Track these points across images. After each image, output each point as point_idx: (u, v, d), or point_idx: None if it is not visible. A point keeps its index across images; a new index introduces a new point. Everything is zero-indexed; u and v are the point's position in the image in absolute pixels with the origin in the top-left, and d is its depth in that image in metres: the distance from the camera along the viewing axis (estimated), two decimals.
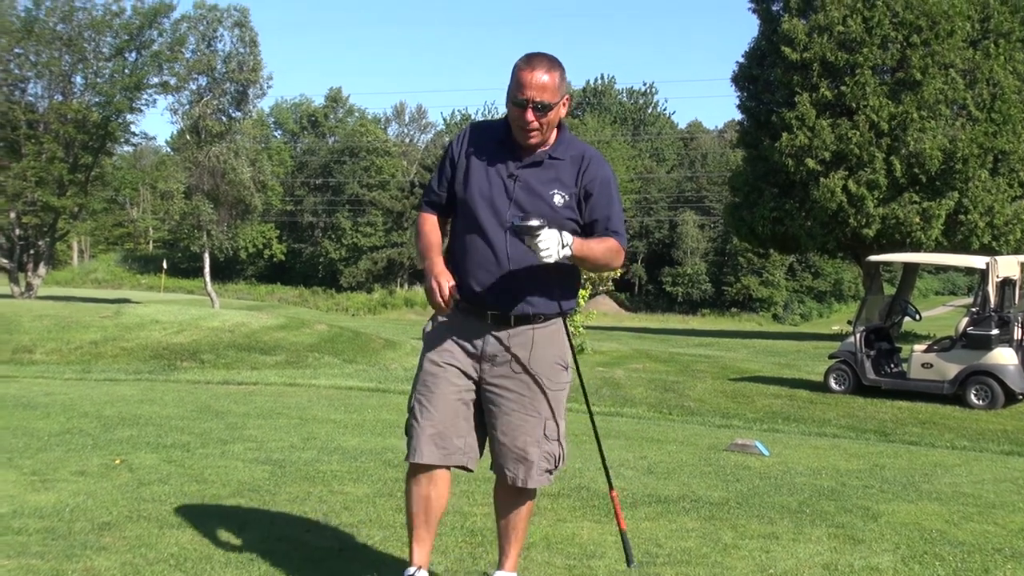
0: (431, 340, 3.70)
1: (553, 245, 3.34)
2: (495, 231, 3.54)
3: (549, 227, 3.34)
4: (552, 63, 3.51)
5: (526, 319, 3.61)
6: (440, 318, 3.67)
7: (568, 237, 3.41)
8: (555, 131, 3.63)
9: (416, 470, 3.64)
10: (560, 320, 3.71)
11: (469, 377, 3.64)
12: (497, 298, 3.56)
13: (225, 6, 42.99)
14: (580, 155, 3.63)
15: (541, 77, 3.46)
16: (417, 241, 3.78)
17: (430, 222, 3.75)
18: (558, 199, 3.56)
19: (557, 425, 3.72)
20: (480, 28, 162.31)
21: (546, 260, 3.35)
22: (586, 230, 3.61)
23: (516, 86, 3.49)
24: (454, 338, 3.65)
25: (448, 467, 3.65)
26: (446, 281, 3.48)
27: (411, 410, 3.66)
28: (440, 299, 3.47)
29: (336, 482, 6.14)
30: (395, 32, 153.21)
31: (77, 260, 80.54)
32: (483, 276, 3.55)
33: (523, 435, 3.64)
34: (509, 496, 3.78)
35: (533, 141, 3.55)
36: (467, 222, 3.61)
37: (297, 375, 16.66)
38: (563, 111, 3.59)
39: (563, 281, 3.66)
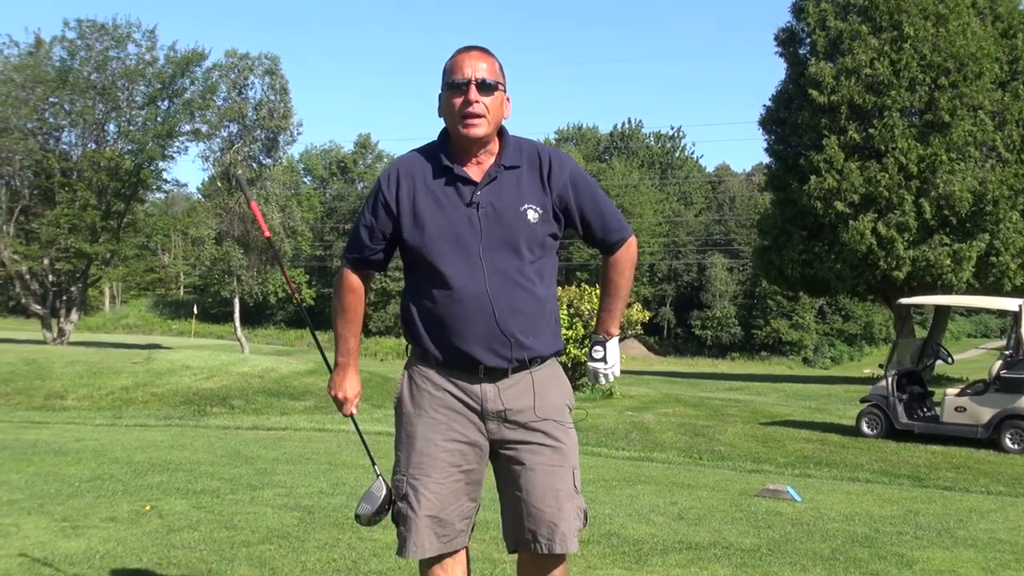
0: (416, 408, 3.15)
1: (615, 355, 3.33)
2: (469, 275, 3.03)
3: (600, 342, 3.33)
4: (488, 50, 3.16)
5: (523, 365, 3.12)
6: (419, 378, 3.17)
7: (605, 339, 3.35)
8: (497, 140, 3.16)
9: (422, 564, 3.17)
10: (555, 359, 3.27)
11: (474, 444, 3.12)
12: (491, 351, 3.06)
13: (256, 54, 43.58)
14: (535, 155, 3.16)
15: (479, 57, 3.11)
16: (335, 307, 3.40)
17: (354, 286, 3.30)
18: (532, 215, 3.08)
19: (579, 474, 3.23)
20: (509, 74, 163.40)
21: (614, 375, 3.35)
22: (586, 235, 3.23)
23: (451, 71, 3.10)
24: (445, 402, 3.12)
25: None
26: (351, 397, 3.36)
27: (404, 496, 3.12)
28: (344, 413, 3.37)
29: (365, 528, 6.12)
30: (422, 79, 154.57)
31: (109, 306, 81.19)
32: (467, 330, 3.05)
33: (554, 490, 3.10)
34: (541, 571, 3.17)
35: (477, 130, 3.05)
36: (430, 272, 3.07)
37: (326, 420, 16.66)
38: (506, 111, 3.16)
39: (554, 316, 3.22)
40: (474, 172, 3.11)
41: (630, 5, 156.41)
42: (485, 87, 3.06)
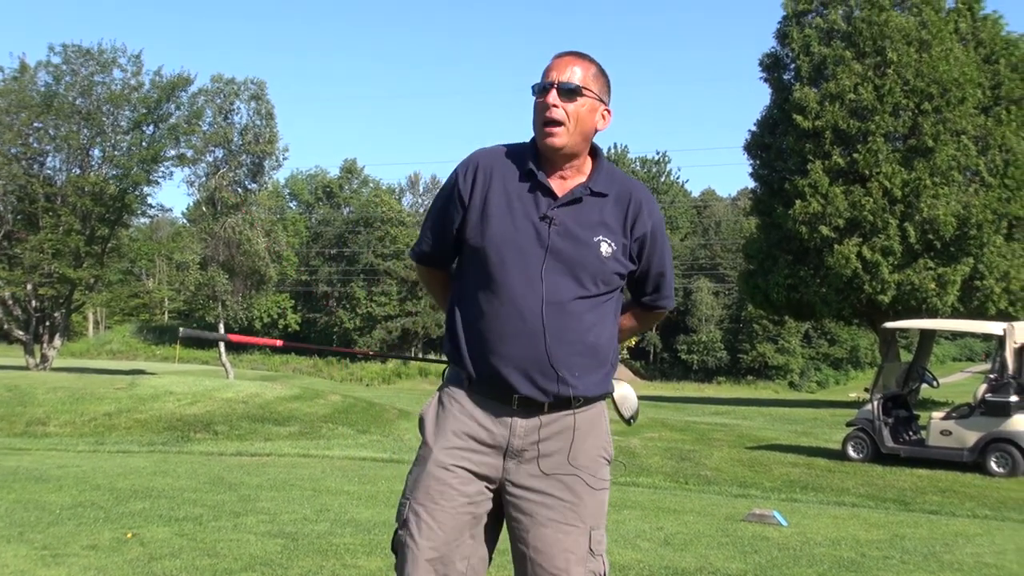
0: (436, 429, 2.90)
1: (633, 397, 3.18)
2: (525, 291, 2.77)
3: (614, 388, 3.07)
4: (585, 55, 2.95)
5: (565, 403, 2.82)
6: (448, 400, 2.91)
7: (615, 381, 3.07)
8: (589, 160, 2.96)
9: None
10: (603, 403, 2.97)
11: (486, 479, 2.85)
12: (529, 380, 2.78)
13: (242, 79, 43.55)
14: (628, 193, 2.93)
15: (571, 61, 2.90)
16: (433, 295, 3.22)
17: (431, 281, 3.15)
18: (605, 248, 2.83)
19: (603, 536, 2.90)
20: (492, 99, 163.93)
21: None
22: (636, 286, 3.03)
23: (542, 74, 2.91)
24: (468, 429, 2.86)
25: None
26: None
27: (404, 522, 2.83)
28: None
29: (349, 555, 6.08)
30: (409, 104, 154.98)
31: (92, 331, 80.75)
32: (509, 351, 2.78)
33: (563, 552, 2.81)
34: None
35: (555, 139, 2.83)
36: (483, 279, 2.83)
37: (311, 446, 16.60)
38: (602, 123, 2.94)
39: (611, 354, 2.94)
40: (557, 187, 2.88)
41: (616, 31, 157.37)
42: (568, 92, 2.83)
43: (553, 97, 2.82)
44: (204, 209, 44.55)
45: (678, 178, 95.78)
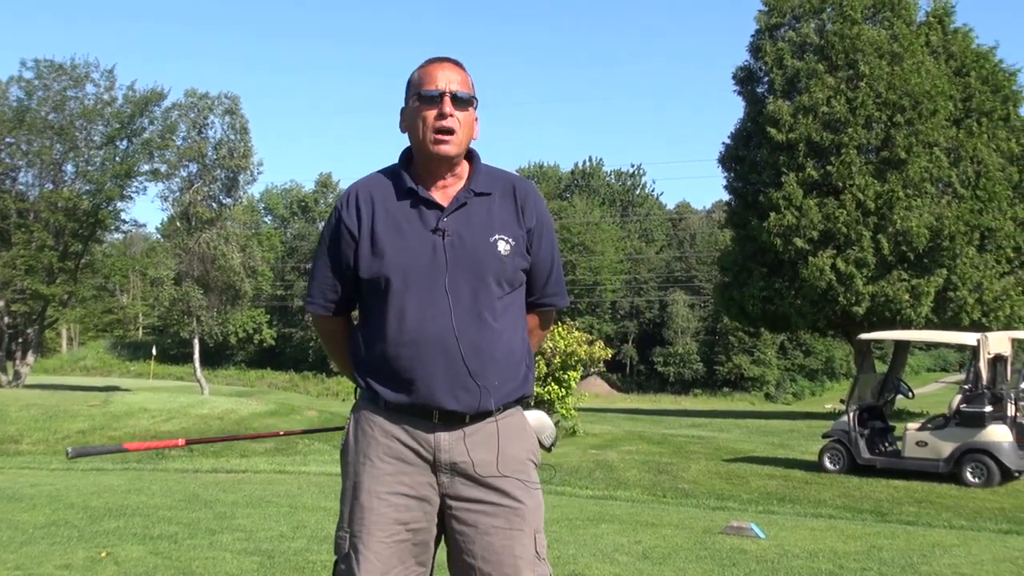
0: (362, 457, 2.83)
1: (549, 424, 3.09)
2: (433, 309, 2.73)
3: (525, 408, 2.97)
4: (461, 63, 2.90)
5: (486, 413, 2.80)
6: (366, 424, 2.86)
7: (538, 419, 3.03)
8: (466, 164, 2.91)
9: None
10: (520, 406, 2.95)
11: (423, 500, 2.79)
12: (451, 396, 2.74)
13: (216, 94, 43.48)
14: (510, 185, 2.89)
15: (453, 69, 2.85)
16: (329, 353, 3.13)
17: (331, 334, 3.04)
18: (503, 246, 2.80)
19: (544, 540, 2.86)
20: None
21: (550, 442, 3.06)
22: (528, 285, 2.94)
23: (422, 81, 2.83)
24: (393, 451, 2.80)
25: None
26: None
27: (345, 556, 2.79)
28: None
29: (326, 572, 6.03)
30: (384, 117, 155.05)
31: (66, 347, 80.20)
32: (427, 370, 2.74)
33: (512, 557, 2.76)
34: None
35: (449, 148, 2.79)
36: (387, 306, 2.77)
37: (287, 462, 16.51)
38: (476, 131, 2.90)
39: (526, 355, 2.93)
40: (440, 197, 2.82)
41: (590, 44, 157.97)
42: (459, 101, 2.80)
43: (449, 106, 2.78)
44: (178, 224, 44.42)
45: (653, 191, 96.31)
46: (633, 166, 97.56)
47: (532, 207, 2.88)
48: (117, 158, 38.23)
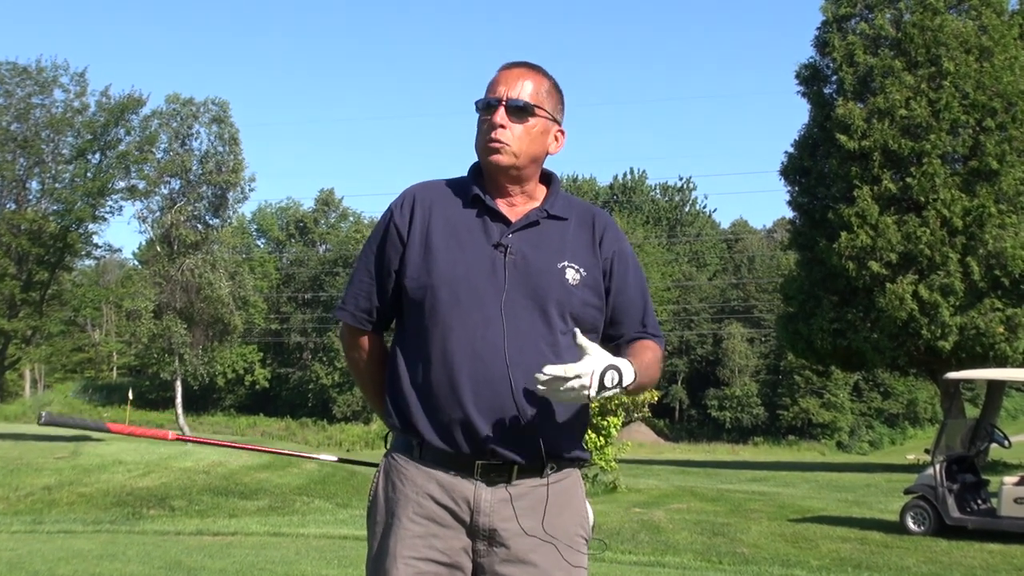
0: (389, 518, 2.81)
1: (589, 374, 2.59)
2: (484, 330, 2.71)
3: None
4: (538, 68, 2.96)
5: (537, 466, 2.76)
6: (396, 477, 2.84)
7: (614, 360, 2.65)
8: (542, 187, 2.98)
9: None
10: (578, 470, 2.93)
11: (455, 567, 2.76)
12: (494, 433, 2.69)
13: (202, 100, 43.84)
14: (590, 215, 2.95)
15: (522, 74, 2.90)
16: (353, 375, 3.13)
17: (362, 350, 3.03)
18: (571, 274, 2.80)
19: None
20: None
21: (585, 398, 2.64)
22: (611, 327, 2.93)
23: (488, 87, 2.91)
24: (426, 510, 2.77)
25: None
26: None
27: None
28: None
29: None
30: (393, 127, 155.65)
31: (29, 391, 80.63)
32: (469, 401, 2.70)
33: None
34: None
35: (500, 157, 2.82)
36: (432, 323, 2.76)
37: (283, 523, 16.52)
38: (555, 145, 2.95)
39: (584, 415, 2.88)
40: (508, 212, 2.87)
41: (630, 39, 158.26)
42: (518, 110, 2.83)
43: (501, 116, 2.83)
44: (159, 249, 44.74)
45: (704, 207, 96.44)
46: (681, 179, 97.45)
47: (612, 239, 2.92)
48: (89, 173, 38.43)
